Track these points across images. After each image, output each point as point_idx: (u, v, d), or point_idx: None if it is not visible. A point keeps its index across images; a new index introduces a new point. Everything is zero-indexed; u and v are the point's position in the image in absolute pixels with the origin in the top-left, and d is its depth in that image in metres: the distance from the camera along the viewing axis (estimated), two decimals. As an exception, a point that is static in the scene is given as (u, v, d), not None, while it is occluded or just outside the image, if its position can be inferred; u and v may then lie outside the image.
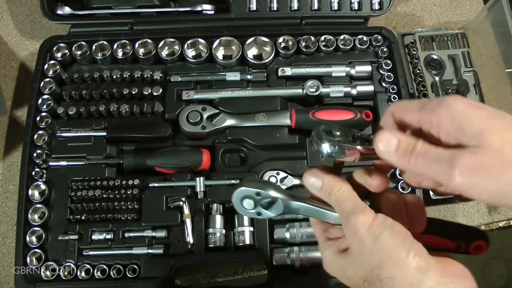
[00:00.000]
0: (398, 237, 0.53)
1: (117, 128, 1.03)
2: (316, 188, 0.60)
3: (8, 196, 1.08)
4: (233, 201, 0.64)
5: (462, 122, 0.47)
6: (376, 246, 0.53)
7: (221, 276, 1.04)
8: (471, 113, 0.47)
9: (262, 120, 1.03)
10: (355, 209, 0.55)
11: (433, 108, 0.50)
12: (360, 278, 0.56)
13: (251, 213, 0.64)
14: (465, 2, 1.31)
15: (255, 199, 0.63)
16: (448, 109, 0.48)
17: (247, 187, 0.62)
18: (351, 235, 0.56)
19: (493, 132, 0.45)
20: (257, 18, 1.15)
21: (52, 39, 1.09)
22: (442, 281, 0.52)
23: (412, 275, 0.51)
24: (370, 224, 0.54)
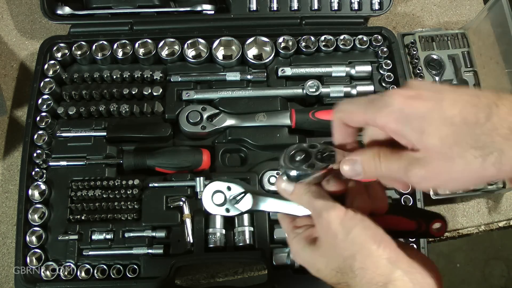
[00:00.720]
0: (370, 229, 0.56)
1: (117, 128, 1.03)
2: (288, 193, 0.62)
3: (8, 196, 1.08)
4: (204, 195, 0.67)
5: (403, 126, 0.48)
6: (348, 238, 0.55)
7: (221, 276, 1.04)
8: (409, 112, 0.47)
9: (262, 120, 1.03)
10: (327, 205, 0.58)
11: (375, 112, 0.50)
12: (332, 269, 0.58)
13: (220, 209, 0.67)
14: (465, 2, 1.31)
15: (225, 194, 0.67)
16: (389, 112, 0.49)
17: (219, 181, 0.67)
18: (324, 230, 0.58)
19: (431, 134, 0.46)
20: (257, 18, 1.15)
21: (52, 39, 1.09)
22: (410, 271, 0.54)
23: (383, 266, 0.54)
24: (342, 218, 0.56)
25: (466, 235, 1.13)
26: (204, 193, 0.67)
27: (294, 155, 0.60)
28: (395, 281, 0.53)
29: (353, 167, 0.55)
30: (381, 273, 0.54)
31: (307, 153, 0.59)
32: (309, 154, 0.59)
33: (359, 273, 0.55)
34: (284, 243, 0.96)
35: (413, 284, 0.54)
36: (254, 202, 0.67)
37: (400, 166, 0.50)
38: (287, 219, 0.67)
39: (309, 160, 0.58)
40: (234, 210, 0.67)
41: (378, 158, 0.53)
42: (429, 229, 0.63)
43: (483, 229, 1.12)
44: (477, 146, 0.44)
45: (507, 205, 1.13)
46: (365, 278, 0.54)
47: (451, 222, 1.11)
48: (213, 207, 0.67)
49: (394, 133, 0.50)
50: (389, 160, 0.52)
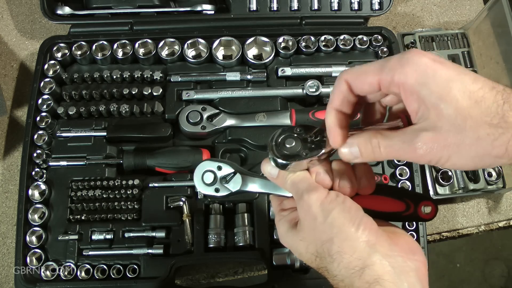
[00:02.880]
0: (349, 212, 0.55)
1: (117, 128, 1.03)
2: (273, 176, 0.62)
3: (8, 196, 1.08)
4: (195, 174, 0.68)
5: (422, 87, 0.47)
6: (327, 221, 0.55)
7: (221, 276, 1.04)
8: (432, 73, 0.47)
9: (262, 120, 1.03)
10: (309, 187, 0.57)
11: (396, 68, 0.48)
12: (312, 254, 0.58)
13: (210, 188, 0.68)
14: (465, 2, 1.31)
15: (215, 173, 0.67)
16: (411, 69, 0.48)
17: (210, 161, 0.68)
18: (304, 212, 0.57)
19: (449, 102, 0.46)
20: (257, 18, 1.15)
21: (52, 39, 1.09)
22: (390, 254, 0.53)
23: (361, 249, 0.53)
24: (322, 200, 0.56)
25: (466, 235, 1.13)
26: (195, 172, 0.68)
27: (284, 142, 0.58)
28: (373, 265, 0.52)
29: (350, 150, 0.54)
30: (359, 256, 0.53)
31: (297, 140, 0.58)
32: (299, 142, 0.58)
33: (336, 257, 0.54)
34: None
35: (392, 268, 0.52)
36: (243, 183, 0.67)
37: (405, 139, 0.49)
38: (276, 201, 0.67)
39: (298, 149, 0.57)
40: (223, 190, 0.67)
41: (376, 139, 0.52)
42: (417, 211, 0.62)
43: (483, 229, 1.12)
44: (492, 123, 0.45)
45: (507, 205, 1.13)
46: (342, 262, 0.53)
47: (451, 222, 1.11)
48: (203, 187, 0.67)
49: (410, 93, 0.48)
50: (389, 138, 0.51)
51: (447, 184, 1.05)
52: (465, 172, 1.07)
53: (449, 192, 1.06)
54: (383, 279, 0.51)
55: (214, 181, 0.67)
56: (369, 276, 0.52)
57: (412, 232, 0.97)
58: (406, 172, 1.02)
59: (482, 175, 1.06)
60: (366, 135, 0.53)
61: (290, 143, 0.58)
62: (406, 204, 0.62)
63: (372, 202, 0.59)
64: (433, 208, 0.62)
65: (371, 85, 0.52)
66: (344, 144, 0.55)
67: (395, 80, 0.49)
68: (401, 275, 0.52)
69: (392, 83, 0.49)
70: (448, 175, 1.05)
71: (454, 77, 0.46)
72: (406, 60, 0.48)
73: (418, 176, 1.01)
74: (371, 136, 0.52)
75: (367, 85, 0.52)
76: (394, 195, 0.63)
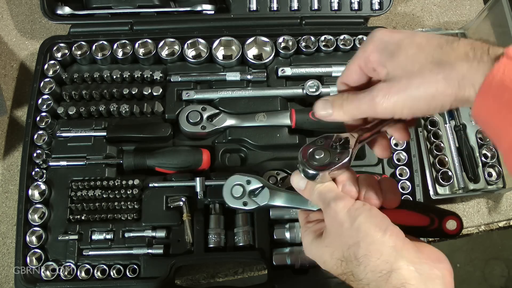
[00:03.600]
0: (376, 218, 0.56)
1: (117, 128, 1.03)
2: (301, 188, 0.64)
3: (8, 196, 1.08)
4: (225, 187, 0.71)
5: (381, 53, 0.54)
6: (354, 226, 0.56)
7: (221, 276, 1.04)
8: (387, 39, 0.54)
9: (262, 120, 1.03)
10: (336, 196, 0.59)
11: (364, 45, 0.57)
12: (337, 259, 0.58)
13: (238, 202, 0.71)
14: (465, 2, 1.31)
15: (244, 187, 0.71)
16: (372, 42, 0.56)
17: (240, 175, 0.71)
18: (331, 219, 0.59)
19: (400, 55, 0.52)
20: (257, 18, 1.15)
21: (52, 39, 1.09)
22: (416, 261, 0.53)
23: (388, 253, 0.53)
24: (349, 207, 0.57)
25: (466, 235, 1.13)
26: (224, 186, 0.71)
27: (313, 154, 0.61)
28: (400, 270, 0.52)
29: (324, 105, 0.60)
30: (385, 260, 0.53)
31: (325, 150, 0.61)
32: (327, 152, 0.60)
33: (363, 261, 0.54)
34: (284, 243, 0.96)
35: (419, 274, 0.52)
36: (271, 197, 0.70)
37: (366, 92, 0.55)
38: (303, 215, 0.69)
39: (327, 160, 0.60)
40: (251, 204, 0.70)
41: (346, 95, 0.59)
42: (442, 226, 0.62)
43: (483, 229, 1.12)
44: (434, 61, 0.50)
45: (507, 205, 1.13)
46: (369, 265, 0.54)
47: (451, 222, 1.11)
48: (232, 200, 0.71)
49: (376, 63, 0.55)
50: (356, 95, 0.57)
51: (447, 184, 1.05)
52: (465, 172, 1.07)
53: (449, 192, 1.06)
54: (409, 283, 0.52)
55: (242, 195, 0.71)
56: (396, 280, 0.52)
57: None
58: (406, 172, 1.02)
59: (482, 175, 1.06)
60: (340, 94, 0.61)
61: (319, 155, 0.61)
62: (430, 219, 0.62)
63: (396, 216, 0.59)
64: (458, 223, 0.62)
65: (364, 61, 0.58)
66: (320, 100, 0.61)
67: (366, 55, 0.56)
68: (427, 281, 0.53)
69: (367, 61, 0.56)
70: (448, 175, 1.05)
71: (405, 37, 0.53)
72: (369, 37, 0.57)
73: (418, 176, 1.01)
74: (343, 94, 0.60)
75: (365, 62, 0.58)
76: (419, 209, 0.63)
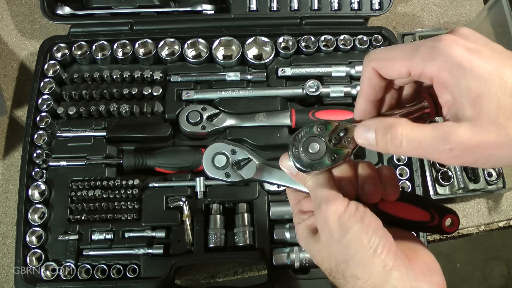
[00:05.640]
0: (368, 232, 0.51)
1: (117, 128, 1.03)
2: (293, 172, 0.58)
3: (8, 196, 1.08)
4: (205, 155, 0.63)
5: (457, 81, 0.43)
6: (344, 241, 0.52)
7: (221, 276, 1.04)
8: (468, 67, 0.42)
9: (262, 120, 1.03)
10: (328, 197, 0.54)
11: (426, 59, 0.45)
12: (326, 269, 0.56)
13: (220, 172, 0.63)
14: (465, 2, 1.31)
15: (228, 157, 0.62)
16: (444, 61, 0.43)
17: (224, 143, 0.63)
18: (321, 224, 0.54)
19: (489, 99, 0.42)
20: (257, 18, 1.15)
21: (52, 39, 1.09)
22: (407, 280, 0.50)
23: (376, 275, 0.50)
24: (340, 214, 0.52)
25: (466, 235, 1.13)
26: (205, 153, 0.63)
27: (307, 146, 0.55)
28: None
29: (366, 135, 0.50)
30: (373, 283, 0.50)
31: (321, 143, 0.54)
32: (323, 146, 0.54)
33: (350, 281, 0.52)
34: (284, 243, 0.96)
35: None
36: (258, 171, 0.62)
37: (435, 135, 0.44)
38: (293, 198, 0.63)
39: (322, 156, 0.54)
40: (235, 176, 0.62)
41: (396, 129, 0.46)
42: (442, 224, 0.59)
43: (483, 229, 1.12)
44: None
45: (507, 205, 1.13)
46: (355, 286, 0.52)
47: (451, 222, 1.11)
48: (213, 170, 0.63)
49: (443, 86, 0.45)
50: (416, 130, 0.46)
51: (447, 184, 1.05)
52: (465, 172, 1.07)
53: (449, 192, 1.06)
54: None
55: (226, 165, 0.62)
56: None
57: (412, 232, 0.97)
58: (406, 172, 1.02)
59: (482, 175, 1.06)
60: (387, 122, 0.48)
61: (313, 149, 0.54)
62: (431, 215, 0.59)
63: (396, 208, 0.56)
64: (456, 221, 0.59)
65: (400, 73, 0.48)
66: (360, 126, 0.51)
67: (426, 72, 0.45)
68: None
69: (422, 74, 0.46)
70: (448, 175, 1.05)
71: (493, 71, 0.42)
72: (437, 51, 0.44)
73: (418, 176, 1.01)
74: (393, 124, 0.47)
75: (396, 72, 0.48)
76: (420, 204, 0.60)
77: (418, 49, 0.46)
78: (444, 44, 0.44)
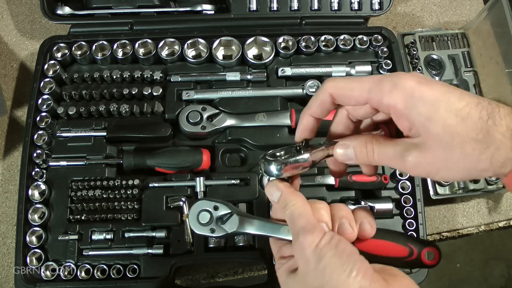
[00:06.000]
0: (342, 256, 0.53)
1: (117, 128, 1.03)
2: (275, 199, 0.62)
3: (8, 196, 1.08)
4: (190, 213, 0.67)
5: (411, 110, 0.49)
6: (319, 267, 0.53)
7: (221, 276, 1.04)
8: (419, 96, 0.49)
9: (262, 120, 1.03)
10: (306, 227, 0.56)
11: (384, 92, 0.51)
12: None
13: (205, 229, 0.67)
14: (465, 2, 1.31)
15: (211, 213, 0.67)
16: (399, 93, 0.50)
17: (206, 200, 0.68)
18: (299, 255, 0.56)
19: (436, 121, 0.48)
20: (257, 18, 1.15)
21: (52, 39, 1.09)
22: None
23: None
24: (317, 244, 0.54)
25: (466, 235, 1.13)
26: (190, 211, 0.67)
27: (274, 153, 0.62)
28: None
29: (345, 151, 0.57)
30: None
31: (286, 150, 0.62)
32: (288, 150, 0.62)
33: None
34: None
35: None
36: (240, 224, 0.66)
37: (396, 151, 0.52)
38: (275, 246, 0.65)
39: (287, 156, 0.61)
40: (219, 231, 0.66)
41: (371, 145, 0.55)
42: (421, 258, 0.60)
43: (483, 229, 1.12)
44: (477, 139, 0.47)
45: (507, 205, 1.13)
46: None
47: (451, 222, 1.11)
48: (198, 226, 0.67)
49: (399, 115, 0.51)
50: (383, 146, 0.54)
51: (447, 184, 1.05)
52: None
53: (449, 192, 1.06)
54: None
55: (210, 221, 0.66)
56: None
57: (412, 232, 0.97)
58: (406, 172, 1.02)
59: (482, 175, 1.05)
60: (362, 139, 0.56)
61: (279, 152, 0.62)
62: (409, 250, 0.60)
63: (373, 247, 0.57)
64: (437, 255, 0.60)
65: (357, 102, 0.55)
66: (339, 144, 0.58)
67: (384, 103, 0.51)
68: None
69: (381, 105, 0.52)
70: (448, 175, 1.05)
71: (440, 97, 0.49)
72: (393, 84, 0.50)
73: (418, 177, 1.01)
74: (367, 141, 0.55)
75: (353, 101, 0.55)
76: (397, 239, 0.61)
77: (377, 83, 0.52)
78: (398, 78, 0.51)
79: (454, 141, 0.48)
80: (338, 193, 1.00)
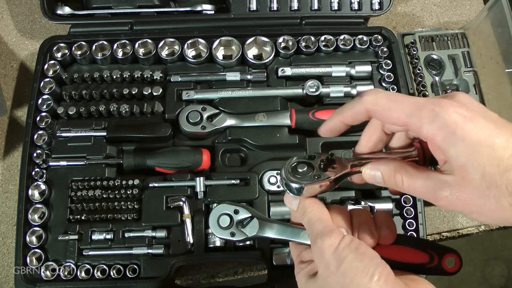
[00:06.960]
0: (363, 260, 0.52)
1: (117, 128, 1.03)
2: (294, 208, 0.62)
3: (8, 196, 1.08)
4: (211, 216, 0.68)
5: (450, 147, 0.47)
6: (340, 270, 0.52)
7: (221, 276, 1.04)
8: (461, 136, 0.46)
9: (262, 120, 1.03)
10: (323, 231, 0.56)
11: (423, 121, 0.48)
12: None
13: (225, 232, 0.67)
14: (465, 2, 1.31)
15: (232, 217, 0.67)
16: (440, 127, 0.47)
17: (227, 204, 0.68)
18: (318, 259, 0.56)
19: (475, 167, 0.45)
20: (257, 18, 1.15)
21: (52, 39, 1.09)
22: None
23: None
24: (336, 247, 0.54)
25: (466, 235, 1.13)
26: (211, 215, 0.68)
27: (296, 167, 0.59)
28: None
29: (374, 174, 0.55)
30: None
31: (309, 165, 0.59)
32: (311, 166, 0.59)
33: None
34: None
35: None
36: (260, 228, 0.66)
37: (428, 186, 0.50)
38: (295, 250, 0.65)
39: (310, 173, 0.58)
40: (240, 235, 0.67)
41: (400, 175, 0.52)
42: (442, 264, 0.59)
43: (483, 229, 1.12)
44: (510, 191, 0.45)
45: (507, 205, 1.13)
46: None
47: (451, 222, 1.11)
48: (218, 230, 0.67)
49: (437, 148, 0.49)
50: (413, 178, 0.51)
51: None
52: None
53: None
54: None
55: (230, 225, 0.67)
56: None
57: (412, 232, 0.97)
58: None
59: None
60: (391, 166, 0.54)
61: (302, 168, 0.59)
62: (430, 256, 0.60)
63: (393, 252, 0.57)
64: (458, 261, 0.60)
65: (394, 124, 0.52)
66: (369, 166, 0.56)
67: (422, 132, 0.49)
68: None
69: (419, 133, 0.49)
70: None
71: (484, 141, 0.45)
72: (435, 115, 0.47)
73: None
74: (396, 170, 0.53)
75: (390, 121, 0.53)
76: (417, 246, 0.61)
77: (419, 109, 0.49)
78: (440, 108, 0.47)
79: (491, 192, 0.45)
80: (338, 193, 1.00)
